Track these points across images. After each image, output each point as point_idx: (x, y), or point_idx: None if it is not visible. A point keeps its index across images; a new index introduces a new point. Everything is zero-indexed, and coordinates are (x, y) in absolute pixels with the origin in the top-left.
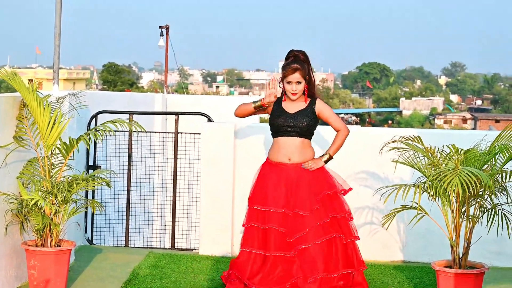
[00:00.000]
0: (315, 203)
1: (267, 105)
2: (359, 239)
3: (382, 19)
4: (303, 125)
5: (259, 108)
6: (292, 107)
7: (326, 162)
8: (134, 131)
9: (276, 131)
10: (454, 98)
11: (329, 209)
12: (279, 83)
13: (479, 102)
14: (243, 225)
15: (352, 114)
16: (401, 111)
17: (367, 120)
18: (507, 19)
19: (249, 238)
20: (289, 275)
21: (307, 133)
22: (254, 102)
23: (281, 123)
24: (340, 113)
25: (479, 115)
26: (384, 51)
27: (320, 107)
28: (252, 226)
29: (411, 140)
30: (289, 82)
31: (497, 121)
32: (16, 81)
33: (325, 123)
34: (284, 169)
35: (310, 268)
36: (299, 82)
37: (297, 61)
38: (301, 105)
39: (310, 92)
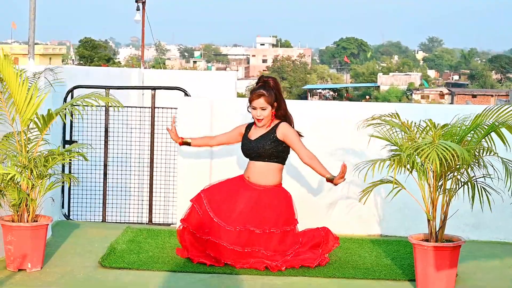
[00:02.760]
0: (271, 227)
1: (182, 139)
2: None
3: None
4: (263, 150)
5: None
6: (256, 132)
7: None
8: (110, 106)
9: (245, 156)
10: (432, 73)
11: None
12: (248, 107)
13: (456, 77)
14: (191, 200)
15: (329, 89)
16: (378, 86)
17: (345, 95)
18: None
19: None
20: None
21: (272, 157)
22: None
23: (244, 149)
24: (318, 89)
25: (456, 90)
26: (362, 26)
27: (284, 131)
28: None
29: (389, 117)
30: (254, 108)
31: (474, 96)
32: None
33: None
34: (248, 187)
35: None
36: (263, 108)
37: (265, 87)
38: (263, 131)
39: (279, 117)
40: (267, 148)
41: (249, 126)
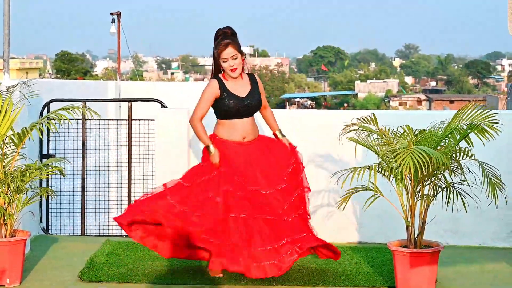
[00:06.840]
0: (282, 181)
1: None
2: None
3: (335, 1)
4: (255, 105)
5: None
6: (239, 89)
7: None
8: (87, 119)
9: (230, 115)
10: (409, 79)
11: (294, 186)
12: (214, 64)
13: (433, 83)
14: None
15: (307, 98)
16: (356, 94)
17: (323, 103)
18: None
19: None
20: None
21: (256, 111)
22: (208, 147)
23: (235, 107)
24: (296, 97)
25: (434, 96)
26: (338, 34)
27: (259, 83)
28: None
29: (367, 122)
30: (225, 60)
31: (452, 101)
32: None
33: None
34: (243, 147)
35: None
36: (234, 57)
37: (227, 37)
38: (246, 86)
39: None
40: (256, 104)
41: (221, 84)
